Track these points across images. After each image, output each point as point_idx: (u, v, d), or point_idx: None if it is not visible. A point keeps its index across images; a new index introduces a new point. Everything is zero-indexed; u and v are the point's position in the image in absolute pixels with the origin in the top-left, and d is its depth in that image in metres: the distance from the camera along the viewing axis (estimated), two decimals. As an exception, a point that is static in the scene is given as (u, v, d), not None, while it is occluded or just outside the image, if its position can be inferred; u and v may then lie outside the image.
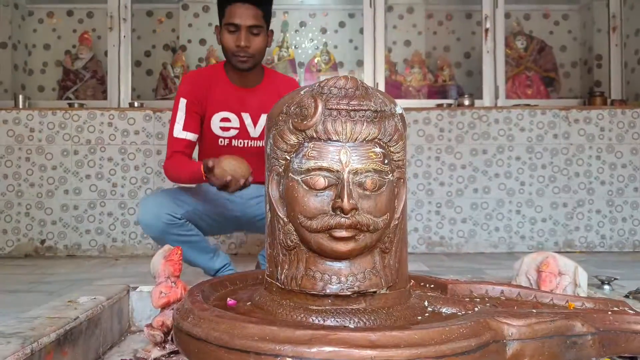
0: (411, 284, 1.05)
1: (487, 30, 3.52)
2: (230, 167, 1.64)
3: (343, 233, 0.82)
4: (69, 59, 4.00)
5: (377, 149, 0.85)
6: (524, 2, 4.23)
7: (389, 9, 4.02)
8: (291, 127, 0.86)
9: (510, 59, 3.86)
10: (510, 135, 3.34)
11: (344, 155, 0.82)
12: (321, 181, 0.83)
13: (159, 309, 1.40)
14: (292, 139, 0.86)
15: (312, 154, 0.83)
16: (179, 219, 1.81)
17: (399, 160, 0.89)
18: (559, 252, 3.33)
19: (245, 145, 2.00)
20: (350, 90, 0.85)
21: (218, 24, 1.99)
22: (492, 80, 3.53)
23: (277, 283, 0.91)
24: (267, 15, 1.93)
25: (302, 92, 0.89)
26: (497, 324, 0.80)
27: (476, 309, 0.97)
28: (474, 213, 3.34)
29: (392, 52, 4.18)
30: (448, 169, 3.35)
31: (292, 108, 0.87)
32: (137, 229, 3.35)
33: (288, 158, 0.87)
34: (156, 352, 1.34)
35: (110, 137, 3.37)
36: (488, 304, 1.02)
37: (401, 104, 3.62)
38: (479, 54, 3.98)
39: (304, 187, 0.84)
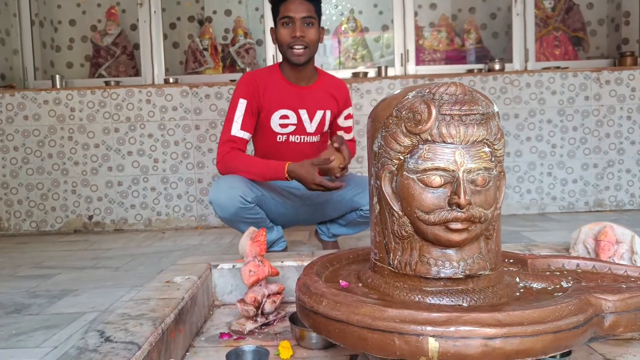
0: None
1: (517, -8, 3.51)
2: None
3: (459, 225, 0.92)
4: (98, 35, 4.02)
5: (486, 149, 0.94)
6: (551, -41, 4.16)
7: (415, -28, 3.99)
8: (404, 130, 0.95)
9: (538, 20, 3.85)
10: (541, 99, 3.39)
11: (458, 156, 0.92)
12: (437, 180, 0.92)
13: (249, 286, 1.53)
14: (406, 141, 0.95)
15: (428, 156, 0.93)
16: (250, 203, 1.91)
17: (500, 156, 0.98)
18: (589, 212, 3.44)
19: (302, 140, 2.11)
20: (460, 96, 0.93)
21: (273, 25, 2.08)
22: (522, 43, 3.55)
23: (389, 267, 1.02)
24: (318, 11, 2.04)
25: (410, 97, 0.97)
26: (596, 300, 0.91)
27: (563, 283, 1.09)
28: (507, 176, 3.43)
29: (418, 16, 4.18)
30: (480, 134, 3.42)
31: (404, 112, 0.96)
32: (181, 202, 3.49)
33: (402, 158, 0.96)
34: (250, 325, 1.47)
35: (149, 113, 3.45)
36: (569, 277, 1.13)
37: (432, 70, 3.60)
38: (505, 14, 3.97)
39: (420, 185, 0.94)
